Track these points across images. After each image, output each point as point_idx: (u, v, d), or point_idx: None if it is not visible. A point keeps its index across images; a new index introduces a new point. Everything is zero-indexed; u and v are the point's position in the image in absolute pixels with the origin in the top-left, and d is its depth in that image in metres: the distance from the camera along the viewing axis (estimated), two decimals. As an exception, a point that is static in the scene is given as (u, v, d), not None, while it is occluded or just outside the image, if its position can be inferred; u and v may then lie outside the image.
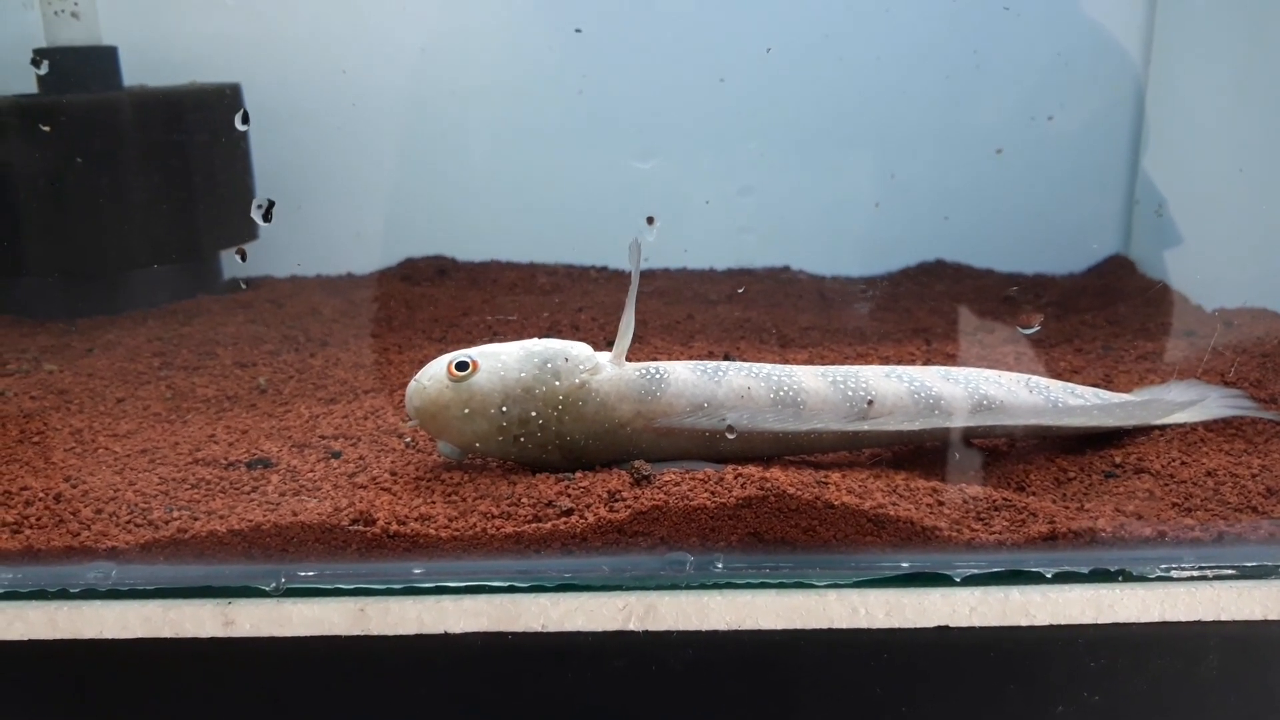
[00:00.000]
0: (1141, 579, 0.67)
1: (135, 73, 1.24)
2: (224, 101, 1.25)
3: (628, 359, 0.76)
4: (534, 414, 0.73)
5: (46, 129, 1.10)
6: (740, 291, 1.25)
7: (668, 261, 1.38)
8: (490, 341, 0.79)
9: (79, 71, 1.17)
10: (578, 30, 1.25)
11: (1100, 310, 1.19)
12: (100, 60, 1.19)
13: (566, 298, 1.25)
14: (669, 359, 0.82)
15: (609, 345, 0.77)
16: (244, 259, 1.23)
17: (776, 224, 1.37)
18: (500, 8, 1.32)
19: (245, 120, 1.16)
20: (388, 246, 1.38)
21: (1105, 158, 1.37)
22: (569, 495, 0.70)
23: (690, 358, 0.98)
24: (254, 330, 1.12)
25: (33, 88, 1.20)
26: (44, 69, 1.07)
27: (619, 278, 1.35)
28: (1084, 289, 1.29)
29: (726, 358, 0.99)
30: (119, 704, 0.69)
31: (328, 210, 1.32)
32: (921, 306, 1.23)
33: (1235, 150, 1.18)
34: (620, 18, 1.32)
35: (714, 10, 1.30)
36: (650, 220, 0.71)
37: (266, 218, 0.75)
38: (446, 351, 0.77)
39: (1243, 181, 1.16)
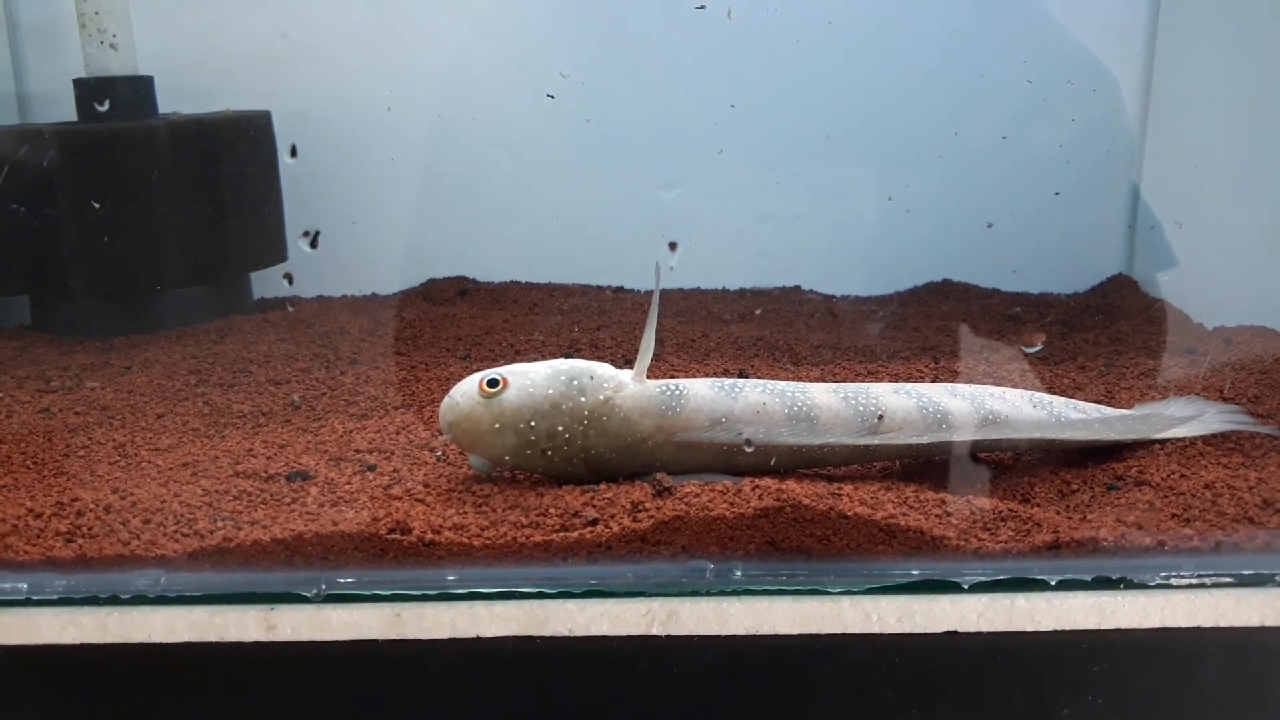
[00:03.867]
0: (1142, 586, 0.70)
1: (169, 100, 1.29)
2: (255, 128, 1.29)
3: (648, 376, 0.80)
4: (561, 429, 0.76)
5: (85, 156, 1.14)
6: (758, 313, 1.28)
7: (682, 282, 1.42)
8: (514, 360, 0.83)
9: (117, 100, 1.22)
10: (563, 75, 1.29)
11: (1103, 329, 1.22)
12: (137, 89, 1.24)
13: (585, 317, 1.28)
14: (686, 376, 0.85)
15: (627, 363, 0.81)
16: (291, 282, 1.26)
17: (788, 246, 1.40)
18: (519, 37, 1.36)
19: (293, 154, 1.20)
20: (410, 268, 1.41)
21: (1108, 179, 1.40)
22: (594, 506, 0.73)
23: (706, 375, 1.01)
24: (285, 349, 1.15)
25: (73, 115, 1.24)
26: (105, 106, 1.11)
27: (634, 298, 1.39)
28: (1087, 308, 1.32)
29: (741, 375, 1.03)
30: (166, 705, 0.72)
31: (352, 232, 1.36)
32: (929, 325, 1.26)
33: (1236, 171, 1.21)
34: (633, 47, 1.36)
35: (725, 38, 1.34)
36: (673, 246, 0.75)
37: (313, 245, 0.79)
38: (472, 369, 0.81)
39: (1243, 202, 1.19)
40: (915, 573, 0.70)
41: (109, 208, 1.18)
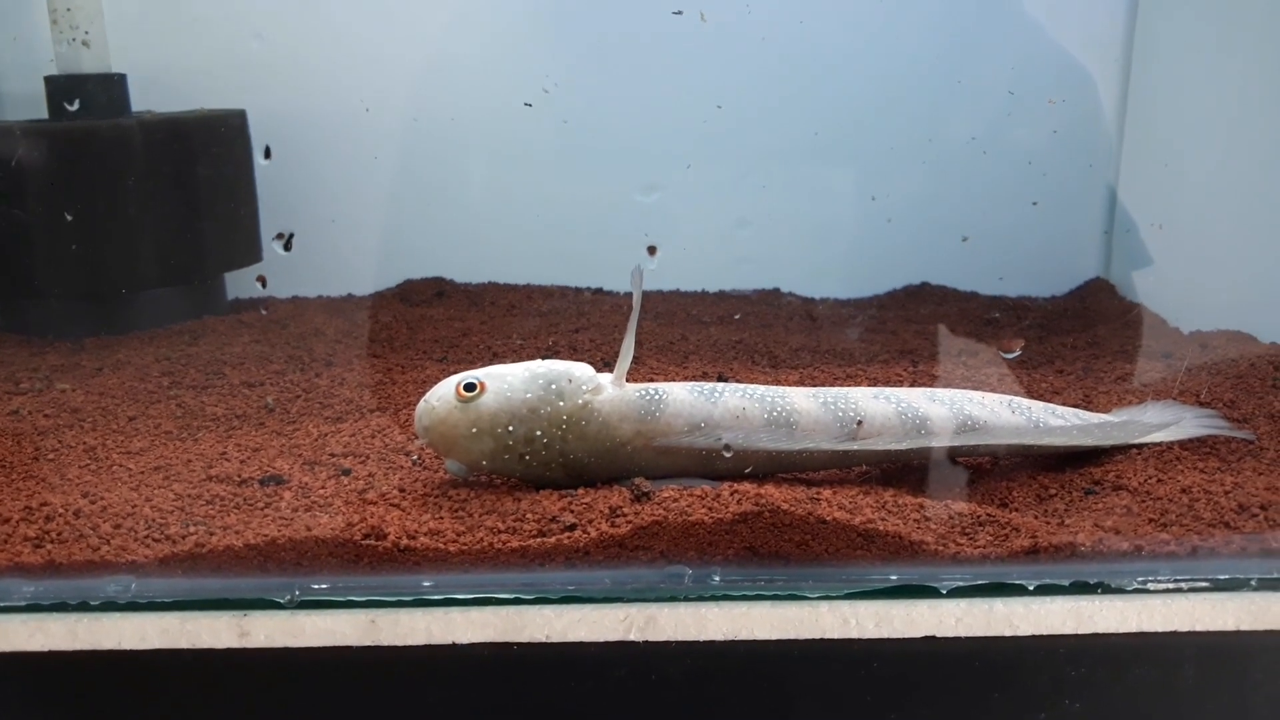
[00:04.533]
0: (1120, 591, 0.70)
1: (142, 99, 1.27)
2: (230, 128, 1.28)
3: (626, 379, 0.79)
4: (539, 433, 0.75)
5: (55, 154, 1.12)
6: (738, 317, 1.28)
7: (660, 284, 1.42)
8: (492, 362, 0.82)
9: (89, 98, 1.20)
10: (545, 90, 1.29)
11: (1081, 332, 1.23)
12: (110, 87, 1.22)
13: (563, 320, 1.28)
14: (665, 379, 0.85)
15: (606, 366, 0.80)
16: (264, 285, 1.25)
17: (768, 249, 1.40)
18: (498, 38, 1.36)
19: (267, 155, 1.19)
20: (386, 268, 1.40)
21: (1086, 183, 1.41)
22: (572, 511, 0.73)
23: (685, 378, 1.01)
24: (259, 350, 1.14)
25: (44, 113, 1.23)
26: (74, 105, 1.10)
27: (613, 299, 1.38)
28: (1065, 311, 1.33)
29: (720, 378, 1.02)
30: (137, 713, 0.71)
31: (328, 232, 1.35)
32: (908, 329, 1.26)
33: (1213, 175, 1.22)
34: (612, 49, 1.35)
35: (705, 41, 1.33)
36: (652, 250, 0.75)
37: (287, 247, 0.79)
38: (449, 371, 0.80)
39: (1220, 206, 1.20)
40: (893, 577, 0.71)
41: (80, 207, 1.16)
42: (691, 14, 1.24)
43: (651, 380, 0.81)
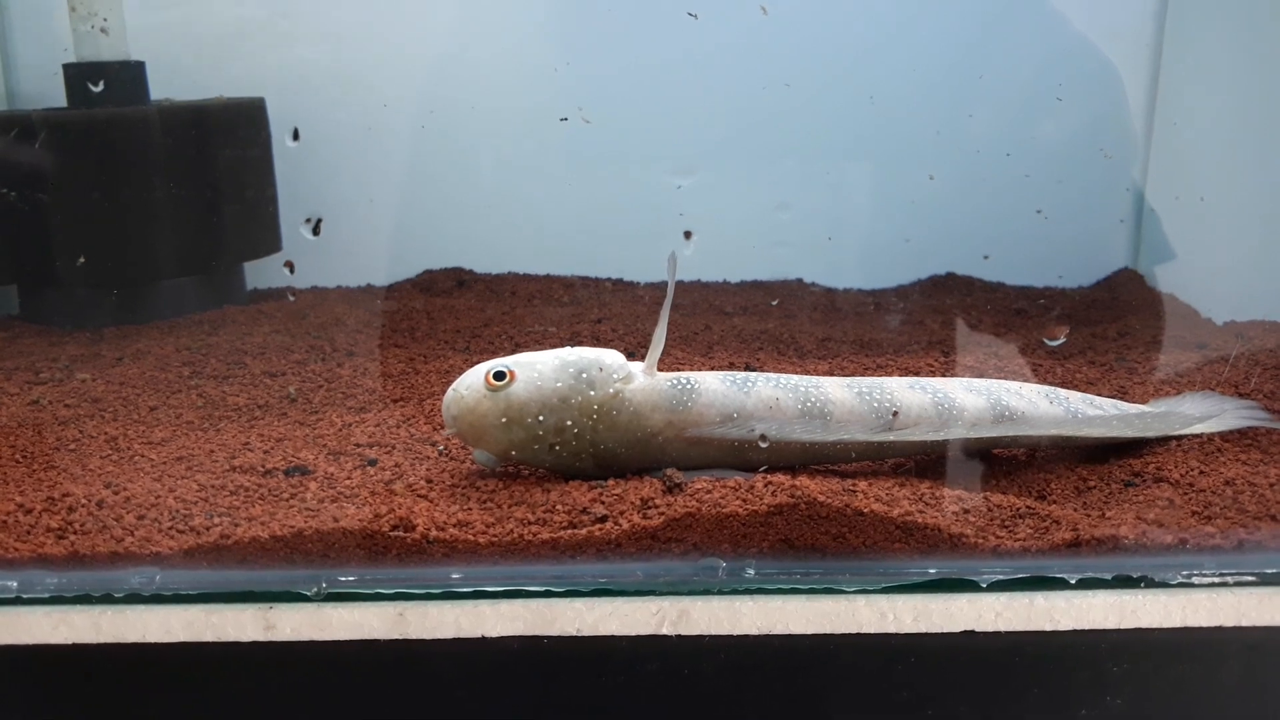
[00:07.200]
0: (1163, 585, 0.69)
1: (161, 87, 1.26)
2: (249, 116, 1.27)
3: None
4: (569, 423, 0.74)
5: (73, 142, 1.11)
6: (775, 303, 1.27)
7: (682, 274, 1.40)
8: (514, 353, 0.81)
9: (108, 85, 1.19)
10: (563, 119, 1.27)
11: (1111, 323, 1.21)
12: (128, 74, 1.21)
13: (585, 310, 1.26)
14: (691, 369, 0.83)
15: (630, 357, 0.79)
16: (292, 270, 1.24)
17: (791, 239, 1.39)
18: (519, 23, 1.34)
19: (295, 137, 1.18)
20: (406, 258, 1.39)
21: (1114, 173, 1.39)
22: (603, 502, 0.72)
23: (710, 368, 0.99)
24: (280, 340, 1.13)
25: (62, 101, 1.22)
26: (100, 86, 1.09)
27: (634, 290, 1.37)
28: (1094, 302, 1.31)
29: (748, 368, 1.01)
30: (161, 707, 0.70)
31: (347, 222, 1.33)
32: (935, 319, 1.25)
33: (1244, 164, 1.20)
34: (628, 37, 1.34)
35: (726, 31, 1.32)
36: (688, 235, 0.73)
37: (316, 232, 0.77)
38: (471, 362, 0.79)
39: (1251, 196, 1.18)
40: (932, 571, 0.69)
41: (99, 195, 1.15)
42: (713, 5, 1.22)
43: (677, 371, 0.79)
